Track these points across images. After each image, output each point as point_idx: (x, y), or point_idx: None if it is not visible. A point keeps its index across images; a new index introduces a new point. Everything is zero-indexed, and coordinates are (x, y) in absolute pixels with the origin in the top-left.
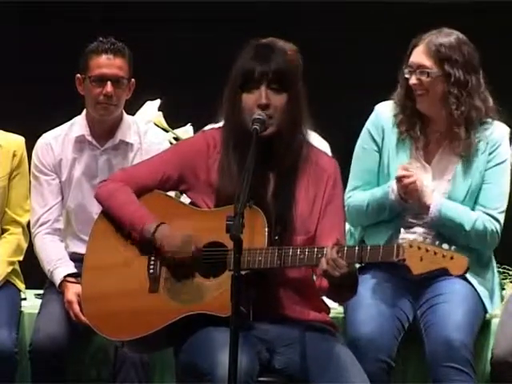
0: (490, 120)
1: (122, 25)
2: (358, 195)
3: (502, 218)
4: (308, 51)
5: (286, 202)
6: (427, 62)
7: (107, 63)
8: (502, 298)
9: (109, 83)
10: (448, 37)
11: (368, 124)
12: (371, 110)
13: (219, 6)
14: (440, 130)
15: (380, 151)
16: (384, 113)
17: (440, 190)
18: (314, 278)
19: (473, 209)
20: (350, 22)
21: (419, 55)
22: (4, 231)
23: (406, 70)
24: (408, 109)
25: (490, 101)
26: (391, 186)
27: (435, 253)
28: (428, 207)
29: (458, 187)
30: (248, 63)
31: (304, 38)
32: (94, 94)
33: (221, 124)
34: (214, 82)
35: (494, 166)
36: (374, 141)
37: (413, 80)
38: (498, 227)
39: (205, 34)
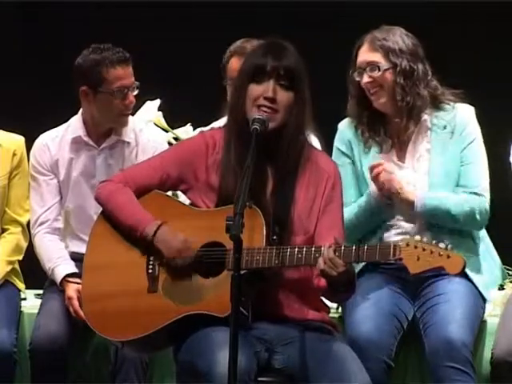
0: (451, 103)
1: (122, 25)
2: (345, 211)
3: (487, 194)
4: (307, 52)
5: (285, 202)
6: (375, 57)
7: (124, 74)
8: (503, 279)
9: (130, 93)
10: (389, 31)
11: (335, 142)
12: None
13: (219, 6)
14: (401, 127)
15: (353, 162)
16: (346, 128)
17: (419, 183)
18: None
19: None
20: (348, 23)
21: (366, 53)
22: (4, 231)
23: (356, 73)
24: (364, 115)
25: (440, 88)
26: (370, 190)
27: (432, 252)
28: (412, 203)
29: (435, 177)
30: (260, 57)
31: (304, 39)
32: (115, 105)
33: (219, 123)
34: (214, 82)
35: (467, 145)
36: (345, 154)
37: (365, 79)
38: (484, 204)
39: (205, 34)
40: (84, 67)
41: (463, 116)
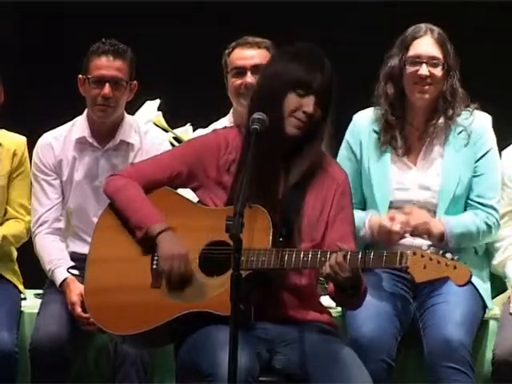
0: (469, 110)
1: (123, 24)
2: None
3: (499, 207)
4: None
5: (295, 207)
6: (440, 54)
7: (106, 65)
8: (500, 290)
9: (107, 85)
10: (438, 30)
11: (346, 134)
12: None
13: (219, 5)
14: (419, 128)
15: (360, 160)
16: (361, 122)
17: (431, 185)
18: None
19: (467, 201)
20: (351, 23)
21: (430, 46)
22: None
23: (409, 61)
24: (396, 103)
25: (465, 95)
26: (366, 224)
27: (438, 261)
28: (442, 234)
29: (448, 180)
30: (306, 71)
31: (303, 39)
32: (92, 95)
33: (219, 123)
34: (214, 82)
35: (483, 155)
36: (352, 151)
37: (423, 71)
38: (497, 217)
39: (205, 34)
40: (84, 57)
41: (481, 124)
